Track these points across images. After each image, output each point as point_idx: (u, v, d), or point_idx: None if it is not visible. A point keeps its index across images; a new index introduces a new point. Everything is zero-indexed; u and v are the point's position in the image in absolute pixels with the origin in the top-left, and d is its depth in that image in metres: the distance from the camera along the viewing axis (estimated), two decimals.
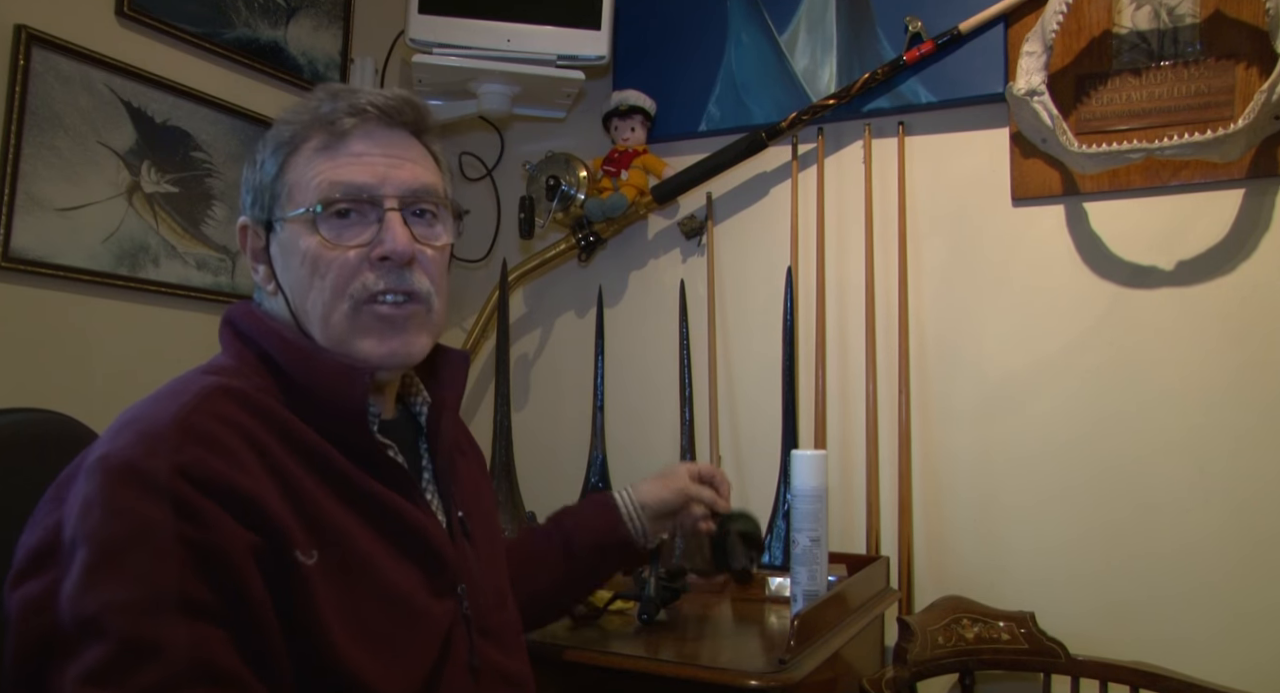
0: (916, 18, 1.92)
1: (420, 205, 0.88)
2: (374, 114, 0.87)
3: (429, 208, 0.89)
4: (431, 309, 0.88)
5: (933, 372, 1.92)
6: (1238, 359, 1.70)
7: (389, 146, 0.87)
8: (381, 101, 0.88)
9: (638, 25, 2.20)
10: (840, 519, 1.93)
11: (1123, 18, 1.80)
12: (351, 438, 0.83)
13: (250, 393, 0.78)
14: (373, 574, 0.79)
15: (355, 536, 0.79)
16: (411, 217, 0.87)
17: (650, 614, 1.36)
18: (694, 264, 2.17)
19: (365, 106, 0.87)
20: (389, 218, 0.85)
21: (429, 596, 0.84)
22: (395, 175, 0.86)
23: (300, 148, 0.87)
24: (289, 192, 0.86)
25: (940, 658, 1.60)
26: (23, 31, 1.51)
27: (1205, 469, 1.70)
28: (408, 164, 0.87)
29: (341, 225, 0.85)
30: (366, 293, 0.84)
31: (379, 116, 0.87)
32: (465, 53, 1.96)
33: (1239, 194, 1.72)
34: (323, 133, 0.86)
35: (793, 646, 1.18)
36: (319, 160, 0.86)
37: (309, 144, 0.87)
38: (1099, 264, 1.82)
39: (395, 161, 0.87)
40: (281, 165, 0.87)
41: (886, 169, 1.98)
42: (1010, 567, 1.82)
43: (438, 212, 0.90)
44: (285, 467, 0.76)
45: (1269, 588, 1.64)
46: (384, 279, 0.84)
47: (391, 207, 0.85)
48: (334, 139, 0.86)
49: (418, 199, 0.87)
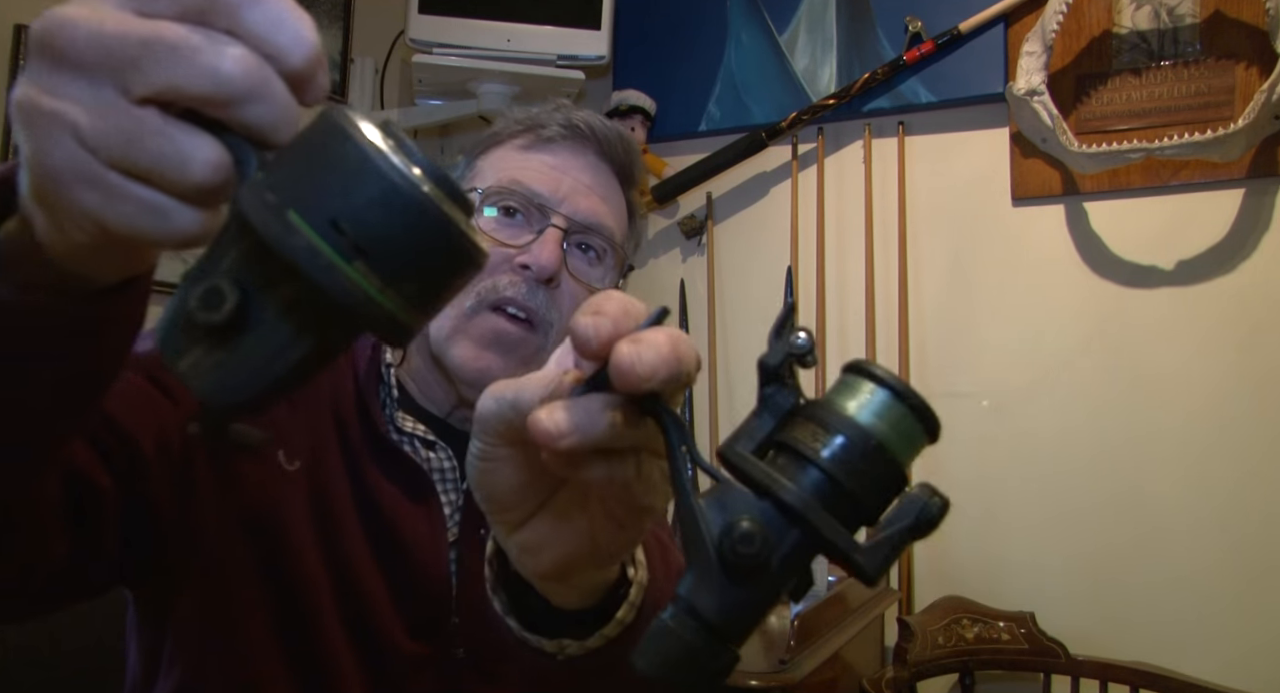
0: (916, 18, 1.92)
1: (587, 239, 0.82)
2: (585, 134, 0.83)
3: (595, 246, 0.83)
4: (546, 347, 0.79)
5: (932, 372, 1.92)
6: (1237, 358, 1.70)
7: (584, 172, 0.83)
8: (599, 127, 0.84)
9: (638, 25, 2.20)
10: None
11: (1123, 18, 1.80)
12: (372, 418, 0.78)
13: None
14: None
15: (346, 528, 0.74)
16: (575, 248, 0.82)
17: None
18: (694, 264, 2.17)
19: (579, 125, 0.83)
20: (549, 233, 0.79)
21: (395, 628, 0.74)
22: (576, 200, 0.81)
23: (503, 142, 0.85)
24: (473, 174, 0.84)
25: (940, 658, 1.60)
26: (23, 32, 1.51)
27: (1205, 468, 1.70)
28: (594, 197, 0.83)
29: (504, 221, 0.80)
30: (494, 296, 0.77)
31: (589, 140, 0.83)
32: (465, 53, 1.96)
33: (1239, 194, 1.72)
34: (529, 135, 0.84)
35: (793, 646, 1.18)
36: (514, 155, 0.83)
37: (513, 141, 0.84)
38: (1099, 264, 1.82)
39: (583, 189, 0.82)
40: (478, 156, 0.85)
41: (886, 169, 1.98)
42: (1010, 567, 1.81)
43: (604, 254, 0.84)
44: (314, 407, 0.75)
45: (1269, 588, 1.64)
46: (516, 289, 0.77)
47: (557, 224, 0.80)
48: (537, 143, 0.83)
49: (587, 231, 0.82)
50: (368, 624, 0.73)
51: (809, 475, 0.33)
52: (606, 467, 0.37)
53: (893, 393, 0.34)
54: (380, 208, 0.30)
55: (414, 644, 0.74)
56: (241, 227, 0.32)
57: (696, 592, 0.34)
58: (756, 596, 0.34)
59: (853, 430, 0.33)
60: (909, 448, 0.34)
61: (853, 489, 0.33)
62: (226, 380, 0.32)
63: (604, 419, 0.36)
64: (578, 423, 0.36)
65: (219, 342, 0.32)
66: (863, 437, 0.33)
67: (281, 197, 0.30)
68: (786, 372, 0.35)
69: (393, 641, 0.74)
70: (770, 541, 0.33)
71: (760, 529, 0.33)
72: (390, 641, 0.74)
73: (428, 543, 0.76)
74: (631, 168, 0.87)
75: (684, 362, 0.35)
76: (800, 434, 0.34)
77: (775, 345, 0.35)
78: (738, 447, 0.35)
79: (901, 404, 0.34)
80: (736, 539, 0.32)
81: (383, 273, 0.30)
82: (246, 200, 0.31)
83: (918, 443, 0.34)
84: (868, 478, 0.33)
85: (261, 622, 0.71)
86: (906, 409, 0.34)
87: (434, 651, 0.75)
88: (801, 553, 0.33)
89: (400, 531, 0.75)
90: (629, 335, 0.35)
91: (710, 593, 0.33)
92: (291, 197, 0.30)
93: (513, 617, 0.51)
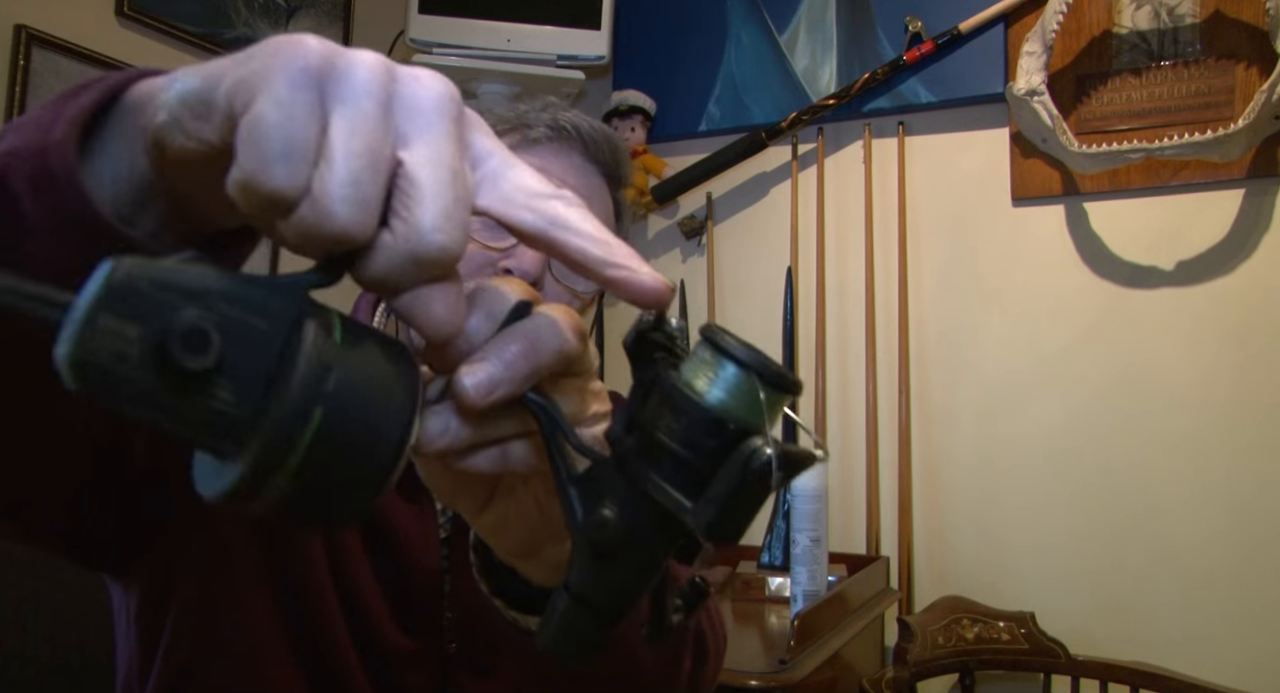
0: (916, 18, 1.92)
1: None
2: (571, 136, 0.82)
3: None
4: None
5: (933, 372, 1.92)
6: (1237, 358, 1.70)
7: (569, 174, 0.81)
8: (585, 127, 0.82)
9: (638, 25, 2.20)
10: (840, 519, 1.92)
11: (1123, 18, 1.80)
12: None
13: None
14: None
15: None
16: None
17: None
18: (694, 264, 2.17)
19: (565, 126, 0.82)
20: None
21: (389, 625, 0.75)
22: None
23: None
24: None
25: (940, 658, 1.60)
26: (23, 31, 1.51)
27: (1205, 469, 1.70)
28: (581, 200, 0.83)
29: (488, 223, 0.78)
30: None
31: (575, 141, 0.81)
32: (465, 53, 1.96)
33: (1239, 194, 1.72)
34: (514, 134, 0.82)
35: (793, 646, 1.18)
36: None
37: None
38: (1099, 264, 1.82)
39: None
40: None
41: (886, 169, 1.98)
42: (1010, 567, 1.81)
43: None
44: None
45: (1269, 587, 1.64)
46: None
47: None
48: (522, 144, 0.81)
49: None
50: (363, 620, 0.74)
51: (658, 453, 0.33)
52: (500, 455, 0.38)
53: (738, 365, 0.32)
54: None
55: (407, 640, 0.75)
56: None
57: (577, 574, 0.36)
58: (625, 572, 0.35)
59: (698, 410, 0.32)
60: (755, 413, 0.33)
61: (697, 464, 0.32)
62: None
63: (469, 423, 0.36)
64: (445, 428, 0.36)
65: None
66: (706, 414, 0.32)
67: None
68: (646, 346, 0.35)
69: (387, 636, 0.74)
70: (624, 521, 0.34)
71: (614, 514, 0.34)
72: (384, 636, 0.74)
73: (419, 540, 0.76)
74: (618, 168, 0.86)
75: (533, 365, 0.35)
76: (651, 415, 0.34)
77: (631, 327, 0.36)
78: (614, 427, 0.36)
79: (748, 375, 0.32)
80: (594, 525, 0.34)
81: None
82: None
83: (774, 405, 0.33)
84: (711, 451, 0.32)
85: (264, 606, 0.71)
86: (748, 376, 0.33)
87: (427, 647, 0.75)
88: (656, 527, 0.34)
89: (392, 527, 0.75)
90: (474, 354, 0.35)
91: (586, 574, 0.36)
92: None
93: (499, 598, 0.53)
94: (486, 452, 0.38)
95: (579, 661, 0.37)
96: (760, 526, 1.89)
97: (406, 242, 0.29)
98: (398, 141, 0.30)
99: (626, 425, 0.35)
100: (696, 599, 0.40)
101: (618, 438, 0.35)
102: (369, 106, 0.30)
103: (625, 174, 0.87)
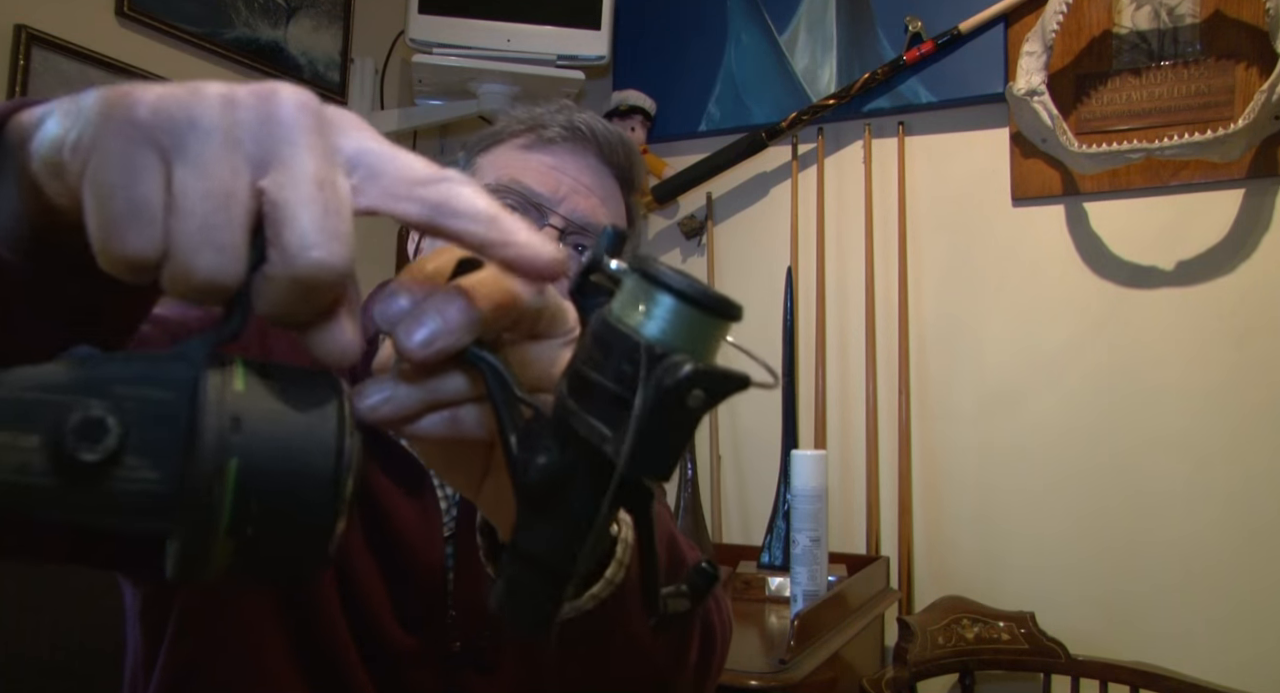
0: (916, 18, 1.92)
1: (584, 240, 0.81)
2: (586, 136, 0.82)
3: (590, 246, 0.83)
4: None
5: (933, 372, 1.92)
6: (1237, 359, 1.70)
7: (584, 173, 0.82)
8: (600, 130, 0.83)
9: (638, 25, 2.20)
10: (840, 519, 1.93)
11: (1123, 18, 1.80)
12: None
13: None
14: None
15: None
16: (572, 249, 0.81)
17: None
18: (694, 264, 2.17)
19: (581, 126, 0.82)
20: (545, 232, 0.78)
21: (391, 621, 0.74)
22: (575, 200, 0.81)
23: (504, 141, 0.84)
24: (473, 170, 0.84)
25: (940, 658, 1.60)
26: (23, 31, 1.51)
27: (1204, 470, 1.70)
28: (594, 198, 0.82)
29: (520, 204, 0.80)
30: None
31: (590, 142, 0.83)
32: (465, 53, 1.96)
33: (1239, 194, 1.72)
34: (530, 134, 0.83)
35: (793, 646, 1.18)
36: (514, 154, 0.83)
37: (514, 140, 0.84)
38: (1099, 264, 1.82)
39: (582, 189, 0.82)
40: (478, 153, 0.85)
41: (886, 169, 1.98)
42: (1010, 567, 1.82)
43: None
44: None
45: (1269, 587, 1.64)
46: None
47: (555, 224, 0.79)
48: (538, 143, 0.82)
49: (584, 231, 0.81)
50: (365, 617, 0.73)
51: (589, 391, 0.32)
52: (449, 420, 0.38)
53: (669, 293, 0.31)
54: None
55: (410, 638, 0.75)
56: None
57: (520, 532, 0.34)
58: (564, 519, 0.34)
59: (625, 342, 0.31)
60: (690, 341, 0.31)
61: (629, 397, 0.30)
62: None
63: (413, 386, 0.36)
64: (389, 395, 0.36)
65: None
66: (629, 343, 0.30)
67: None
68: (590, 290, 0.34)
69: (389, 634, 0.74)
70: (552, 464, 0.33)
71: (547, 456, 0.33)
72: (386, 634, 0.74)
73: (422, 536, 0.76)
74: (632, 172, 0.87)
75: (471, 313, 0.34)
76: (579, 352, 0.33)
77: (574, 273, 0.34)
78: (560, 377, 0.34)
79: (674, 299, 0.31)
80: (520, 469, 0.33)
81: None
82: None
83: (706, 334, 0.31)
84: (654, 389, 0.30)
85: (264, 605, 0.71)
86: (679, 302, 0.31)
87: (430, 644, 0.75)
88: (589, 468, 0.33)
89: (395, 523, 0.75)
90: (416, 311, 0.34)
91: (525, 526, 0.34)
92: None
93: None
94: (434, 417, 0.37)
95: (531, 626, 0.35)
96: (760, 525, 1.89)
97: (284, 267, 0.28)
98: (255, 170, 0.29)
99: (571, 372, 0.33)
100: (705, 586, 0.38)
101: (558, 384, 0.34)
102: (212, 147, 0.28)
103: (638, 178, 0.88)
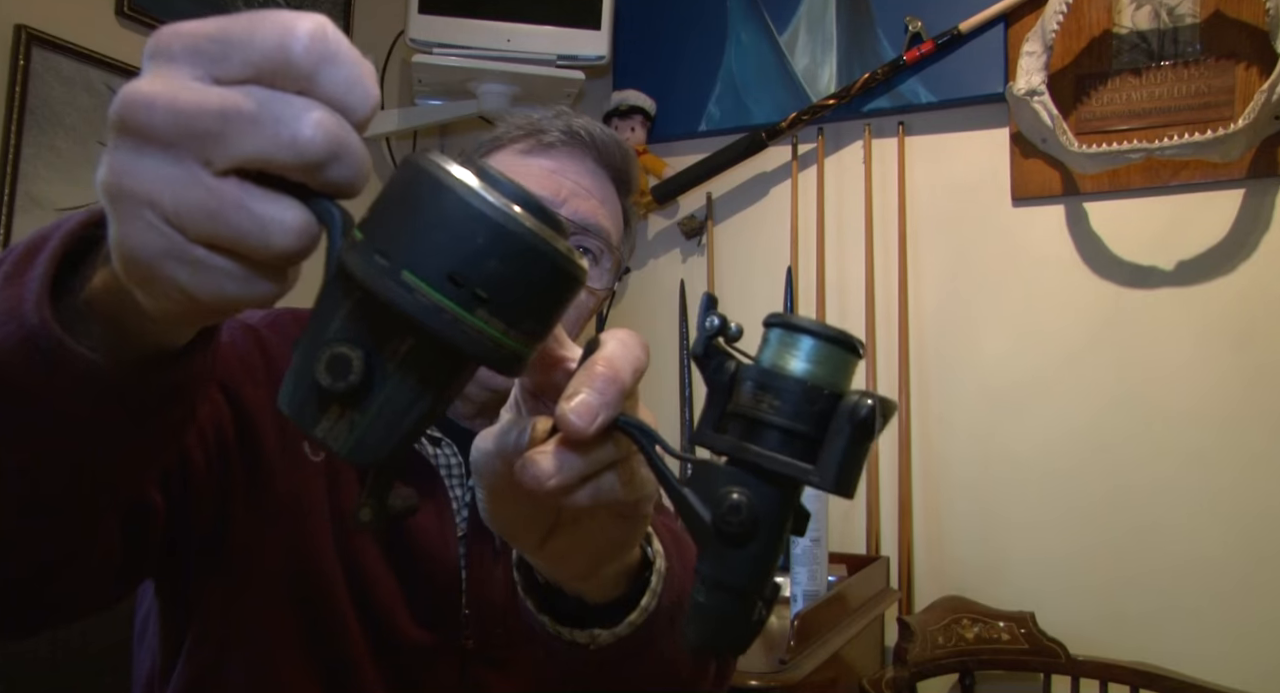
0: (916, 18, 1.92)
1: (584, 241, 0.84)
2: (584, 141, 0.85)
3: (592, 248, 0.85)
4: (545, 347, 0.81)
5: (933, 372, 1.92)
6: (1237, 358, 1.70)
7: (583, 177, 0.84)
8: (597, 134, 0.85)
9: (638, 25, 2.20)
10: (840, 519, 1.93)
11: (1123, 18, 1.80)
12: None
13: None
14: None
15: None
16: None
17: None
18: (694, 264, 2.17)
19: (579, 131, 0.84)
20: None
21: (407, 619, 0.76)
22: (575, 203, 0.83)
23: (504, 147, 0.86)
24: None
25: (940, 658, 1.60)
26: (23, 31, 1.51)
27: (1204, 467, 1.70)
28: (593, 199, 0.84)
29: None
30: None
31: (588, 146, 0.85)
32: (465, 53, 1.96)
33: (1239, 194, 1.72)
34: (529, 139, 0.85)
35: (793, 646, 1.18)
36: (514, 159, 0.84)
37: (513, 146, 0.85)
38: (1099, 264, 1.82)
39: (582, 192, 0.84)
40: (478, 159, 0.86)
41: (886, 169, 1.98)
42: (1010, 566, 1.82)
43: (600, 256, 0.86)
44: None
45: (1269, 588, 1.64)
46: None
47: None
48: (536, 148, 0.84)
49: (584, 232, 0.83)
50: (379, 617, 0.75)
51: (765, 433, 0.36)
52: (594, 488, 0.41)
53: (815, 338, 0.37)
54: (492, 254, 0.31)
55: (425, 636, 0.76)
56: (346, 287, 0.32)
57: (714, 566, 0.38)
58: (762, 549, 0.38)
59: (794, 384, 0.36)
60: (840, 375, 0.37)
61: (806, 432, 0.36)
62: (365, 440, 0.34)
63: (578, 457, 0.40)
64: (559, 466, 0.40)
65: (350, 404, 0.34)
66: (797, 384, 0.36)
67: (393, 258, 0.31)
68: (714, 353, 0.39)
69: (404, 633, 0.75)
70: (753, 501, 0.37)
71: (743, 496, 0.37)
72: (401, 633, 0.75)
73: (437, 536, 0.78)
74: (628, 174, 0.88)
75: (620, 385, 0.39)
76: (745, 401, 0.37)
77: (697, 336, 0.39)
78: (703, 430, 0.38)
79: (821, 342, 0.37)
80: (726, 512, 0.37)
81: (505, 316, 0.32)
82: (357, 265, 0.31)
83: (848, 367, 0.37)
84: (816, 417, 0.36)
85: (280, 610, 0.72)
86: (826, 344, 0.37)
87: (445, 642, 0.77)
88: (782, 500, 0.37)
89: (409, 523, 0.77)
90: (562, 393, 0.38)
91: (725, 563, 0.37)
92: (403, 256, 0.31)
93: (546, 615, 0.55)
94: (586, 486, 0.41)
95: (733, 648, 0.39)
96: None
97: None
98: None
99: (715, 424, 0.38)
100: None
101: (709, 437, 0.38)
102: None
103: (634, 181, 0.89)
